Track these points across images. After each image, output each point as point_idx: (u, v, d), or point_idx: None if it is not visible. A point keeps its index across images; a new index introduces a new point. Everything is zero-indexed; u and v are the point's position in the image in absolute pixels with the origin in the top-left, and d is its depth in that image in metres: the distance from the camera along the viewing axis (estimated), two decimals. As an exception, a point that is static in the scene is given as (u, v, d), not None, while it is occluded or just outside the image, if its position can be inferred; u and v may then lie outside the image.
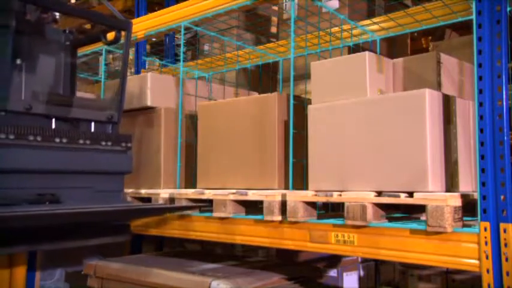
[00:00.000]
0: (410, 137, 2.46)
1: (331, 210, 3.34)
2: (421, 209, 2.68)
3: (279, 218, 2.86)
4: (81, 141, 2.89)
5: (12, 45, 2.89)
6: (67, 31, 3.27)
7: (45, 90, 3.01)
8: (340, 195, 2.63)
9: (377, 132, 2.59)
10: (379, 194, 2.52)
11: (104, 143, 3.00)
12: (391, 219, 2.62)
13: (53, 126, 2.92)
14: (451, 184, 2.52)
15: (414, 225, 2.40)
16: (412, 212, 2.94)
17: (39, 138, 2.70)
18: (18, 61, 2.94)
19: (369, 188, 2.56)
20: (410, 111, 2.48)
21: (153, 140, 3.79)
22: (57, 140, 2.78)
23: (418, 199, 2.35)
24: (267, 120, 3.27)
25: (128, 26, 3.17)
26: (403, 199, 2.42)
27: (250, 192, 3.06)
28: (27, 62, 3.01)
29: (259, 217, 2.96)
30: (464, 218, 2.35)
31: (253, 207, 3.22)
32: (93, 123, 3.07)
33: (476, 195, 2.24)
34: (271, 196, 2.90)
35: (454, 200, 2.27)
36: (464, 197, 2.35)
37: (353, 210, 2.51)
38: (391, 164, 2.52)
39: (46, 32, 3.12)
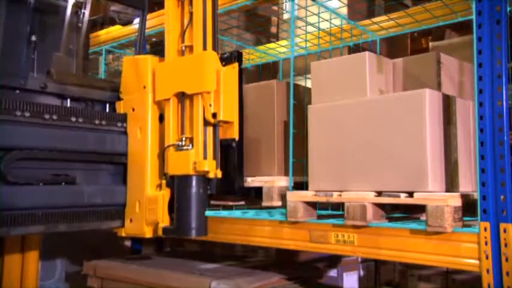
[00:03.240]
0: (410, 137, 2.46)
1: (331, 210, 3.34)
2: (421, 209, 2.68)
3: (279, 203, 2.97)
4: (97, 122, 2.97)
5: (28, 22, 2.94)
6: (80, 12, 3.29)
7: (59, 69, 3.08)
8: (340, 195, 2.63)
9: (377, 132, 2.59)
10: (379, 194, 2.52)
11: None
12: (391, 219, 2.62)
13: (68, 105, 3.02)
14: (451, 184, 2.52)
15: (414, 225, 2.40)
16: (412, 212, 2.94)
17: (55, 117, 2.82)
18: (34, 38, 2.98)
19: (369, 188, 2.56)
20: (410, 111, 2.48)
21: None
22: (73, 119, 2.88)
23: (418, 199, 2.35)
24: (267, 114, 3.32)
25: (144, 4, 3.21)
26: (403, 199, 2.41)
27: (249, 178, 3.15)
28: (41, 40, 3.05)
29: (261, 217, 2.96)
30: (464, 218, 2.35)
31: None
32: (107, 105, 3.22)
33: (476, 195, 2.24)
34: (270, 182, 3.04)
35: (454, 200, 2.27)
36: (464, 197, 2.35)
37: (353, 210, 2.51)
38: (391, 164, 2.52)
39: (60, 13, 3.14)
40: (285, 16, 4.74)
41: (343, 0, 3.79)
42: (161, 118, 3.01)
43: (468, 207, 2.40)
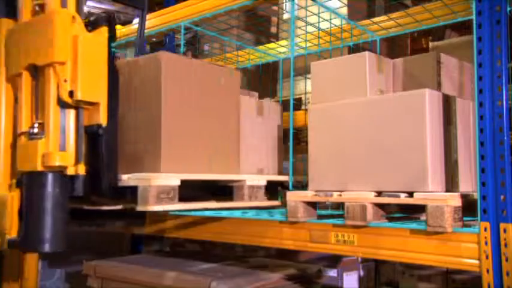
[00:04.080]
0: (410, 137, 2.46)
1: (331, 210, 3.34)
2: (421, 209, 2.68)
3: (156, 207, 2.49)
4: None
5: None
6: None
7: None
8: (340, 195, 2.63)
9: (377, 132, 2.59)
10: (379, 194, 2.52)
11: None
12: (391, 219, 2.62)
13: None
14: (451, 184, 2.52)
15: (414, 225, 2.40)
16: (412, 212, 2.94)
17: None
18: None
19: (369, 188, 2.56)
20: (410, 111, 2.48)
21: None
22: None
23: (418, 199, 2.35)
24: (152, 95, 2.77)
25: (144, 3, 3.06)
26: (403, 199, 2.41)
27: (125, 176, 2.68)
28: None
29: (261, 217, 2.96)
30: (464, 218, 2.35)
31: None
32: None
33: (476, 195, 2.24)
34: (145, 180, 2.55)
35: (454, 200, 2.27)
36: (464, 197, 2.35)
37: (353, 210, 2.51)
38: (391, 164, 2.52)
39: None
40: (285, 16, 4.74)
41: (343, 0, 3.79)
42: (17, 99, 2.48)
43: (468, 207, 2.40)
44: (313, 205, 2.81)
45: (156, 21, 4.01)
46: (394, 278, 4.67)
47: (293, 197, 2.78)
